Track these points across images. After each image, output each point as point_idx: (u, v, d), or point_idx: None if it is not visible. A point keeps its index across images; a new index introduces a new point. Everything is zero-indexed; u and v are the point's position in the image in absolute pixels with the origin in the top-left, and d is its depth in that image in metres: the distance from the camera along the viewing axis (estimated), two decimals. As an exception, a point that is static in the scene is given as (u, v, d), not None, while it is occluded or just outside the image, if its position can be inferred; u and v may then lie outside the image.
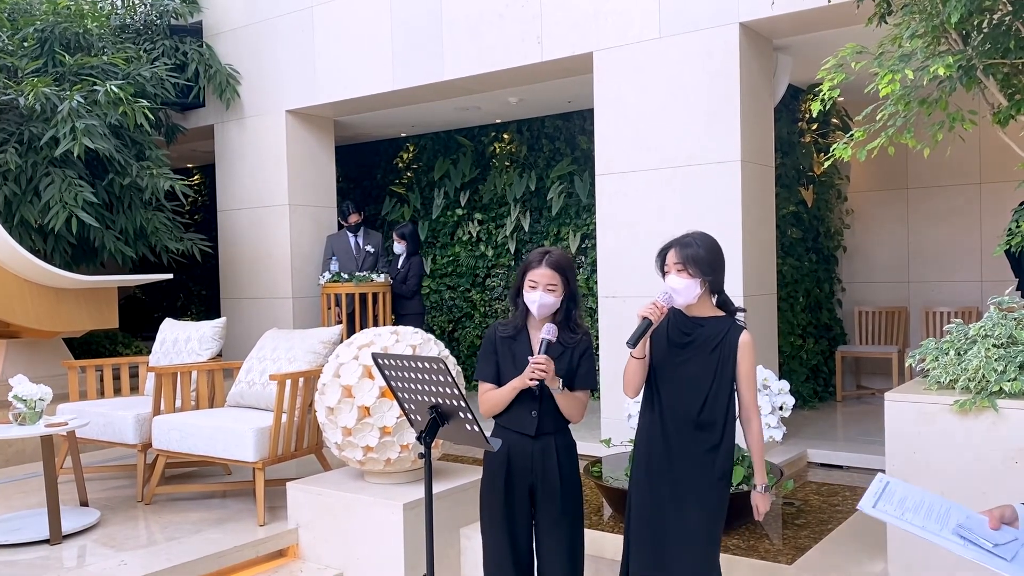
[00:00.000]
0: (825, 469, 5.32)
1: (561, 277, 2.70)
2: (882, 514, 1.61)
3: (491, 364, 2.77)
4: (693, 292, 2.57)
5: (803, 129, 7.17)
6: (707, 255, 2.57)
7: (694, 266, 2.55)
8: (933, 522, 1.56)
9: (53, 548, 3.98)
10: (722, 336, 2.59)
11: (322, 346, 4.69)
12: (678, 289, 2.57)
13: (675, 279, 2.57)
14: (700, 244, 2.59)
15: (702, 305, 2.62)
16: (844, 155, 3.46)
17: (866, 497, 1.65)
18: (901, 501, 1.62)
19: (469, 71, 6.38)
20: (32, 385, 4.12)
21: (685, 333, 2.61)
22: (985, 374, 3.01)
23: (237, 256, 8.06)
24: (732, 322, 2.63)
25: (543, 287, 2.68)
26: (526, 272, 2.72)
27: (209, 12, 8.11)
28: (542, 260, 2.70)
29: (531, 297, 2.70)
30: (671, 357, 2.62)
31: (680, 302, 2.60)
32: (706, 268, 2.56)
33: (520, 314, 2.77)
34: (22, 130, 6.49)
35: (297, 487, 4.19)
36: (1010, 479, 2.91)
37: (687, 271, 2.55)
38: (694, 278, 2.55)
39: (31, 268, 5.93)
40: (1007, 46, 3.31)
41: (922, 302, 7.58)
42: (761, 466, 2.70)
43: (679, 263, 2.56)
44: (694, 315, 2.62)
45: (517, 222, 8.36)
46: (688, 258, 2.55)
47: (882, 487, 1.66)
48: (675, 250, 2.59)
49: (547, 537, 2.76)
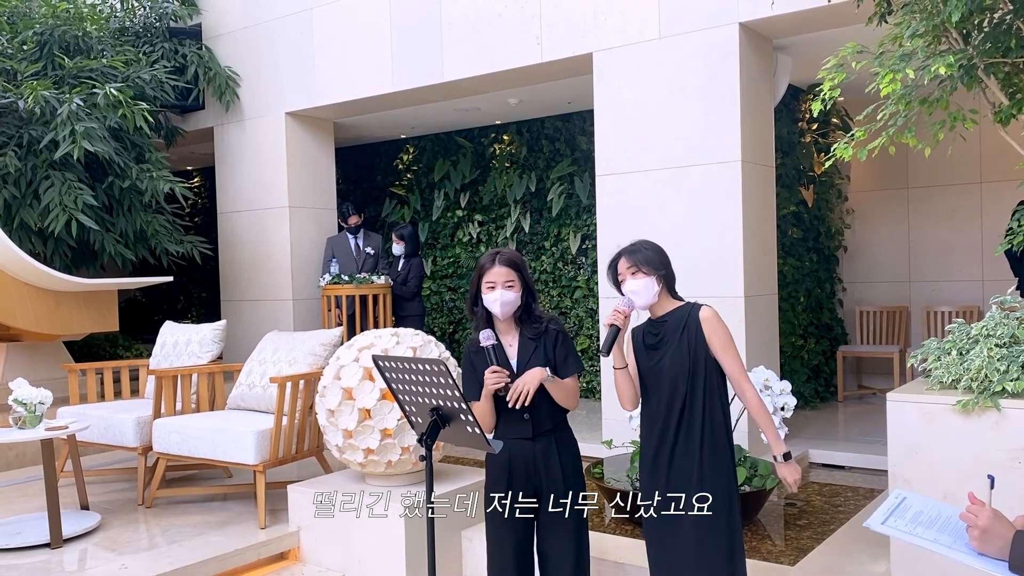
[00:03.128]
0: (827, 469, 5.31)
1: (516, 273, 2.74)
2: (891, 530, 1.58)
3: (474, 383, 2.76)
4: (652, 290, 2.65)
5: (803, 129, 7.16)
6: (655, 255, 2.68)
7: (646, 266, 2.65)
8: (947, 535, 1.54)
9: (54, 552, 3.97)
10: (685, 320, 2.65)
11: (322, 348, 4.69)
12: (637, 291, 2.65)
13: (632, 282, 2.65)
14: (647, 247, 2.70)
15: (662, 303, 2.70)
16: (845, 155, 3.45)
17: (876, 514, 1.62)
18: (916, 515, 1.59)
19: (468, 72, 6.38)
20: (32, 388, 4.12)
21: (655, 334, 2.69)
22: (987, 374, 3.00)
23: (237, 258, 8.06)
24: (691, 305, 2.69)
25: (501, 285, 2.70)
26: (481, 276, 2.74)
27: (208, 14, 8.11)
28: (495, 260, 2.74)
29: (492, 297, 2.71)
30: (649, 359, 2.69)
31: (641, 303, 2.67)
32: (657, 265, 2.66)
33: (482, 321, 2.76)
34: (22, 133, 6.48)
35: (298, 489, 4.19)
36: (1013, 479, 2.90)
37: (641, 271, 2.65)
38: (649, 276, 2.64)
39: (31, 271, 5.92)
40: (1008, 45, 3.30)
41: (923, 301, 7.58)
42: (774, 435, 2.68)
43: (631, 267, 2.66)
44: (659, 316, 2.71)
45: (517, 223, 8.35)
46: (639, 260, 2.65)
47: (897, 503, 1.63)
48: (624, 257, 2.69)
49: (552, 538, 2.75)
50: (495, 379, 2.63)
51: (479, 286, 2.75)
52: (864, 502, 4.49)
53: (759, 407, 2.66)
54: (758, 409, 2.66)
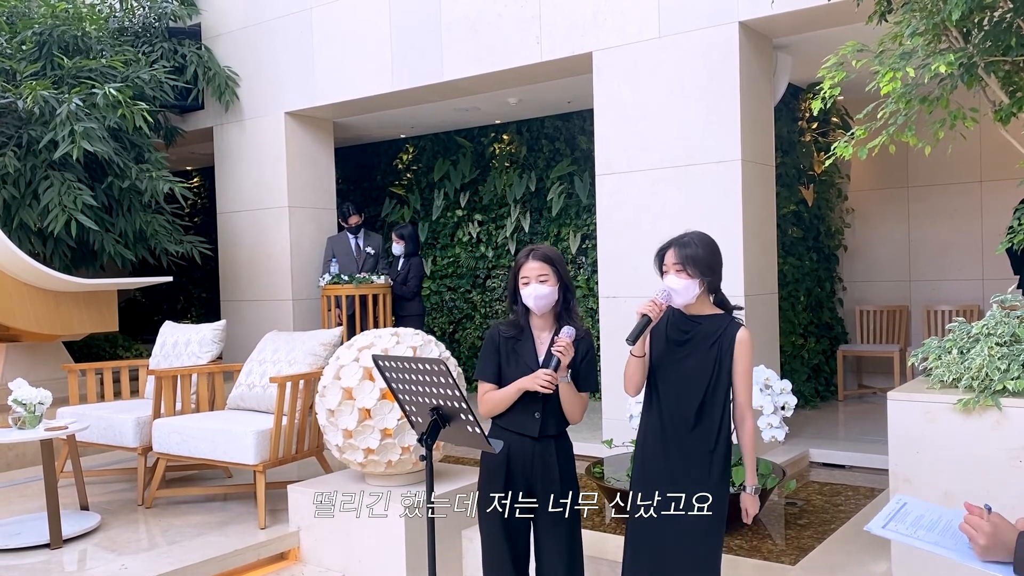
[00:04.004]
0: (827, 469, 5.31)
1: (551, 267, 2.72)
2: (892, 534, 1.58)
3: (493, 364, 2.76)
4: (692, 292, 2.58)
5: (803, 128, 7.15)
6: (705, 255, 2.58)
7: (692, 266, 2.56)
8: (948, 538, 1.54)
9: (54, 552, 3.96)
10: (720, 332, 2.60)
11: (322, 348, 4.68)
12: (677, 289, 2.58)
13: (674, 279, 2.58)
14: (699, 244, 2.60)
15: (700, 304, 2.63)
16: (845, 154, 3.44)
17: (877, 518, 1.62)
18: (917, 519, 1.59)
19: (468, 72, 6.37)
20: (32, 389, 4.11)
21: (684, 331, 2.63)
22: (988, 373, 2.99)
23: (237, 258, 8.06)
24: (730, 319, 2.64)
25: (535, 279, 2.69)
26: (518, 272, 2.74)
27: (208, 14, 8.10)
28: (529, 255, 2.74)
29: (527, 292, 2.70)
30: (670, 355, 2.63)
31: (679, 302, 2.60)
32: (704, 268, 2.57)
33: (521, 315, 2.76)
34: (21, 133, 6.48)
35: (298, 490, 4.18)
36: (1015, 478, 2.90)
37: (686, 271, 2.56)
38: (693, 278, 2.56)
39: (31, 272, 5.92)
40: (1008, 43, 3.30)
41: (923, 300, 7.57)
42: (752, 467, 2.70)
43: (678, 263, 2.57)
44: (692, 314, 2.64)
45: (517, 223, 8.35)
46: (687, 258, 2.56)
47: (898, 508, 1.63)
48: (674, 250, 2.60)
49: (546, 538, 2.75)
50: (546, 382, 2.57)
51: (516, 282, 2.74)
52: (865, 501, 4.49)
53: (752, 439, 2.68)
54: (751, 440, 2.67)
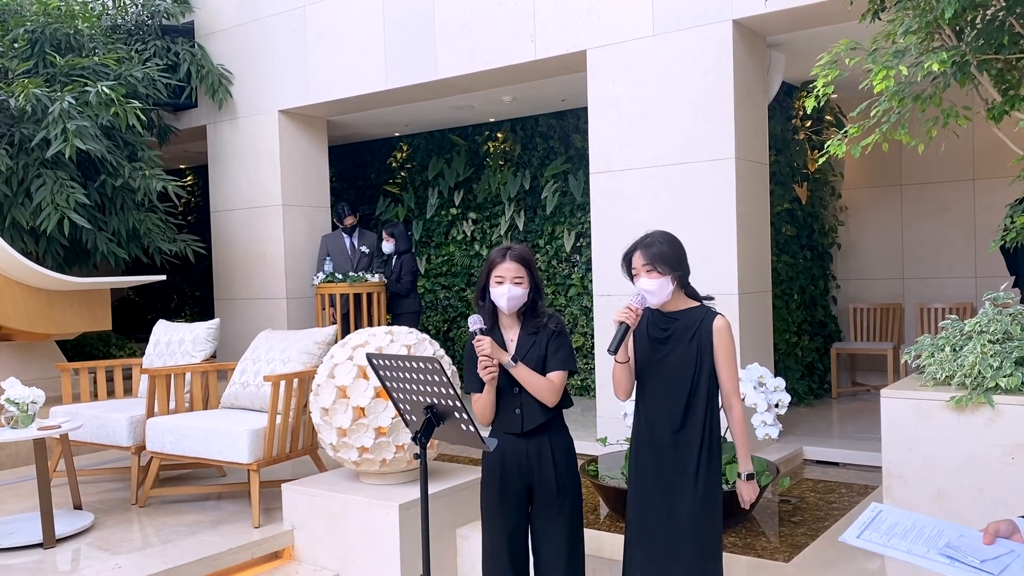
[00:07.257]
0: (821, 466, 5.32)
1: (526, 270, 2.75)
2: (866, 543, 1.61)
3: (475, 374, 2.77)
4: (666, 290, 2.63)
5: (797, 126, 7.17)
6: (671, 251, 2.63)
7: (662, 264, 2.60)
8: (920, 545, 1.57)
9: (47, 552, 3.95)
10: (698, 324, 2.64)
11: (316, 347, 4.68)
12: (651, 290, 2.62)
13: (646, 281, 2.62)
14: (663, 242, 2.65)
15: (675, 300, 2.68)
16: (838, 152, 3.45)
17: (852, 528, 1.66)
18: (891, 528, 1.62)
19: (462, 70, 6.36)
20: (25, 388, 4.10)
21: (663, 328, 2.67)
22: (981, 370, 3.01)
23: (231, 257, 8.04)
24: (706, 310, 2.68)
25: (510, 280, 2.72)
26: (491, 269, 2.76)
27: (201, 12, 8.07)
28: (506, 255, 2.76)
29: (499, 291, 2.73)
30: (653, 353, 2.67)
31: (654, 302, 2.65)
32: (674, 264, 2.62)
33: (488, 313, 2.78)
34: (13, 131, 6.45)
35: (292, 488, 4.18)
36: (1007, 475, 2.91)
37: (656, 270, 2.61)
38: (664, 276, 2.61)
39: (23, 270, 5.89)
40: (1000, 41, 3.31)
41: (917, 298, 7.59)
42: (745, 453, 2.71)
43: (647, 264, 2.62)
44: (669, 311, 2.68)
45: (512, 221, 8.34)
46: (654, 257, 2.61)
47: (872, 516, 1.66)
48: (640, 252, 2.64)
49: (544, 537, 2.76)
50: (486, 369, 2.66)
51: (488, 279, 2.76)
52: (858, 499, 4.50)
53: (742, 424, 2.69)
54: (741, 426, 2.68)
